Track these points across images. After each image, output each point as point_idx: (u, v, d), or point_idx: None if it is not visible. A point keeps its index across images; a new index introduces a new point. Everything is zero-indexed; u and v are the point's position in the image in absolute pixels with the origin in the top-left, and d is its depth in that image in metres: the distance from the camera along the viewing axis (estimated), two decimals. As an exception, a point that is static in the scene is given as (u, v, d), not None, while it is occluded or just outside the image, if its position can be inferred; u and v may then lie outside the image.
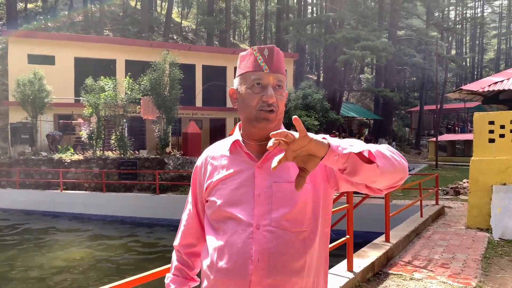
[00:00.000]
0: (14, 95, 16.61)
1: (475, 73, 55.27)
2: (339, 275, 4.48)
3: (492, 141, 7.42)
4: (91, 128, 16.24)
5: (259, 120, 1.30)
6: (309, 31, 34.86)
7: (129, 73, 17.43)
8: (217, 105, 21.87)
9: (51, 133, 17.42)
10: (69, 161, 15.27)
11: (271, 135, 1.02)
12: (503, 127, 7.36)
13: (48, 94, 16.72)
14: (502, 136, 7.35)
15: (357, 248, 5.50)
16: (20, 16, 29.04)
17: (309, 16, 39.17)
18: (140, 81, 16.58)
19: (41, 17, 31.42)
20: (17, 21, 26.30)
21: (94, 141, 16.09)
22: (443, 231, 7.36)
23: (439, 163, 22.50)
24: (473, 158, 7.57)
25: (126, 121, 16.23)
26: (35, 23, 29.94)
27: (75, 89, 19.09)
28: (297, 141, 1.03)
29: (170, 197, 13.57)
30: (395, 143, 28.51)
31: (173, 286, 1.44)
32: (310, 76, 41.06)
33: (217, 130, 21.66)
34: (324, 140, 1.07)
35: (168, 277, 1.47)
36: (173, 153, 16.42)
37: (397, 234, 6.39)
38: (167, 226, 12.40)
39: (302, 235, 1.27)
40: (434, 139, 25.07)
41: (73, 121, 18.43)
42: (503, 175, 7.20)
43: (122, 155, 15.79)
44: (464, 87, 10.72)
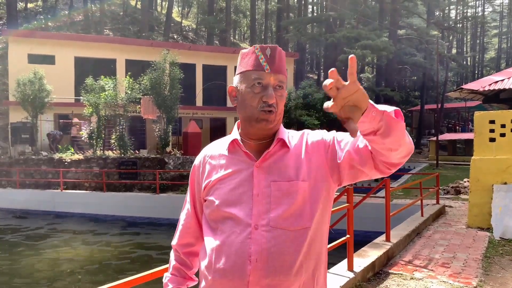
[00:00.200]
0: (14, 94, 16.61)
1: (476, 72, 55.20)
2: (340, 274, 4.46)
3: (492, 140, 7.40)
4: (91, 127, 16.23)
5: (259, 120, 1.29)
6: (309, 30, 34.83)
7: (129, 73, 17.44)
8: (217, 105, 21.86)
9: (51, 133, 17.42)
10: (69, 160, 15.26)
11: (328, 84, 0.97)
12: (503, 126, 7.34)
13: (48, 93, 16.72)
14: (502, 135, 7.33)
15: (358, 247, 5.48)
16: (20, 15, 29.04)
17: (310, 15, 39.13)
18: (140, 81, 16.57)
19: (41, 17, 31.43)
20: (17, 21, 26.31)
21: (94, 141, 16.08)
22: (443, 231, 7.34)
23: (440, 162, 22.46)
24: (473, 157, 7.55)
25: (124, 120, 16.18)
26: (35, 22, 29.96)
27: (75, 88, 19.09)
28: (348, 86, 0.99)
29: (170, 197, 13.56)
30: (395, 142, 28.41)
31: (171, 285, 1.43)
32: (310, 75, 41.03)
33: (217, 129, 21.64)
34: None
35: (166, 277, 1.46)
36: (173, 153, 16.42)
37: (398, 233, 6.37)
38: (167, 225, 12.39)
39: (301, 234, 1.25)
40: (434, 138, 25.03)
41: (69, 121, 18.37)
42: (503, 174, 7.18)
43: (122, 155, 15.79)
44: (464, 86, 10.70)
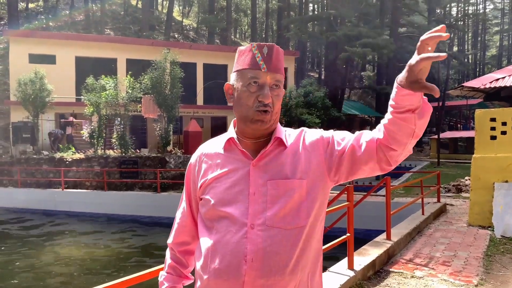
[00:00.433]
0: (15, 94, 16.62)
1: (477, 70, 55.01)
2: (340, 273, 4.45)
3: (494, 138, 7.38)
4: (92, 127, 16.24)
5: (254, 121, 1.28)
6: (310, 28, 34.75)
7: (130, 72, 17.43)
8: (218, 104, 21.85)
9: (53, 131, 17.43)
10: (70, 160, 15.28)
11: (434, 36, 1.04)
12: (505, 124, 7.32)
13: (49, 93, 16.73)
14: (504, 133, 7.31)
15: (359, 246, 5.47)
16: (21, 15, 29.07)
17: (310, 13, 39.06)
18: (141, 80, 16.57)
19: (42, 17, 31.45)
20: (18, 21, 26.33)
21: (95, 140, 16.09)
22: (444, 229, 7.33)
23: (441, 160, 22.41)
24: (474, 155, 7.52)
25: (122, 120, 16.15)
26: (36, 22, 29.98)
27: (76, 88, 19.10)
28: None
29: (171, 196, 13.56)
30: (396, 141, 28.37)
31: (166, 284, 1.42)
32: (311, 73, 40.98)
33: (218, 128, 21.63)
34: None
35: (161, 275, 1.46)
36: (174, 152, 16.42)
37: (398, 232, 6.36)
38: (168, 224, 12.38)
39: (297, 233, 1.25)
40: (436, 136, 24.97)
41: (64, 120, 18.31)
42: (505, 172, 7.16)
43: (123, 154, 15.80)
44: (465, 84, 10.66)
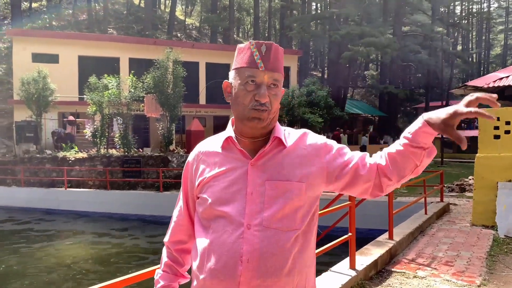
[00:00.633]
0: (18, 93, 16.67)
1: (482, 69, 54.69)
2: (341, 273, 4.43)
3: (497, 137, 7.32)
4: (95, 126, 16.26)
5: (250, 119, 1.26)
6: (313, 27, 34.69)
7: (132, 71, 17.43)
8: (220, 103, 21.81)
9: (56, 131, 17.47)
10: (73, 159, 15.30)
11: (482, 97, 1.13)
12: (508, 123, 7.26)
13: (52, 92, 16.76)
14: (507, 132, 7.25)
15: (361, 245, 5.44)
16: (24, 15, 29.15)
17: (313, 12, 38.97)
18: (143, 79, 16.57)
19: (46, 16, 31.51)
20: (21, 20, 26.39)
21: (98, 139, 16.11)
22: (447, 229, 7.29)
23: (445, 160, 22.34)
24: (478, 154, 7.47)
25: (124, 119, 16.14)
26: (40, 22, 30.04)
27: (79, 87, 19.13)
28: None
29: (173, 195, 13.56)
30: (400, 140, 28.31)
31: (162, 282, 1.41)
32: (314, 73, 40.90)
33: (221, 127, 21.40)
34: None
35: (157, 274, 1.45)
36: (176, 151, 16.42)
37: (401, 231, 6.32)
38: (170, 223, 12.39)
39: (294, 235, 1.24)
40: (439, 135, 24.85)
41: (66, 119, 18.33)
42: (508, 171, 7.10)
43: (126, 153, 15.81)
44: (469, 83, 10.60)
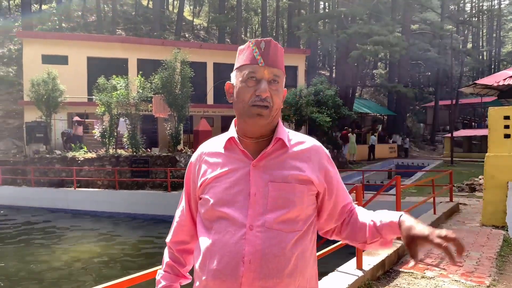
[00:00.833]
0: (28, 94, 16.84)
1: (493, 67, 53.99)
2: (348, 273, 4.40)
3: (507, 136, 7.22)
4: (103, 126, 16.37)
5: (252, 115, 1.26)
6: (321, 27, 34.58)
7: (140, 72, 17.53)
8: (228, 103, 21.40)
9: (66, 131, 17.64)
10: (82, 159, 15.43)
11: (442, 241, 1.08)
12: (519, 121, 7.16)
13: (61, 93, 16.91)
14: (518, 131, 7.15)
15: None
16: (34, 17, 29.44)
17: (321, 11, 38.83)
18: (151, 80, 16.65)
19: (55, 18, 31.83)
20: (31, 22, 26.68)
21: (106, 139, 16.21)
22: (457, 229, 7.19)
23: (455, 159, 22.08)
24: (488, 154, 7.37)
25: (132, 119, 16.21)
26: (50, 23, 30.37)
27: (88, 88, 19.28)
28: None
29: (181, 194, 13.59)
30: (408, 139, 28.12)
31: (163, 282, 1.42)
32: (322, 72, 40.75)
33: (228, 127, 21.31)
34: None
35: (159, 274, 1.45)
36: (184, 151, 16.48)
37: (409, 231, 6.25)
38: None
39: (296, 236, 1.24)
40: (449, 135, 24.61)
41: (74, 120, 18.42)
42: (519, 171, 7.00)
43: (134, 153, 15.90)
44: (478, 81, 10.47)
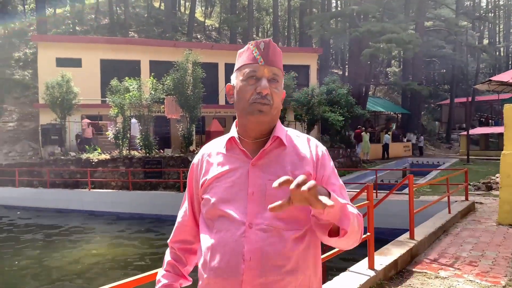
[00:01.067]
0: (43, 97, 17.12)
1: (510, 62, 52.95)
2: (360, 273, 4.36)
3: (524, 133, 7.04)
4: (117, 128, 16.53)
5: (253, 112, 1.28)
6: (333, 25, 34.35)
7: (153, 73, 17.65)
8: (240, 103, 21.82)
9: (79, 133, 17.87)
10: (96, 160, 15.61)
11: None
12: (536, 118, 6.97)
13: (75, 95, 17.14)
14: (535, 127, 6.96)
15: (383, 245, 5.33)
16: (49, 21, 29.94)
17: (333, 10, 38.60)
18: (163, 81, 16.75)
19: (69, 21, 32.31)
20: (46, 26, 27.13)
21: (120, 141, 16.36)
22: (472, 228, 7.05)
23: (471, 157, 21.69)
24: (504, 151, 7.20)
25: (137, 121, 16.33)
26: (64, 27, 30.84)
27: (101, 90, 19.50)
28: (316, 204, 1.02)
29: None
30: (423, 138, 27.73)
31: (164, 281, 1.43)
32: (335, 70, 40.49)
33: (241, 127, 21.57)
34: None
35: (159, 273, 1.47)
36: (196, 151, 16.51)
37: (423, 231, 6.16)
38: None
39: (296, 234, 1.24)
40: (465, 132, 24.19)
41: (96, 122, 18.71)
42: (537, 168, 6.82)
43: (147, 154, 16.02)
44: (493, 78, 10.25)
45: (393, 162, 21.63)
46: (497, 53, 49.64)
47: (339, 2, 40.60)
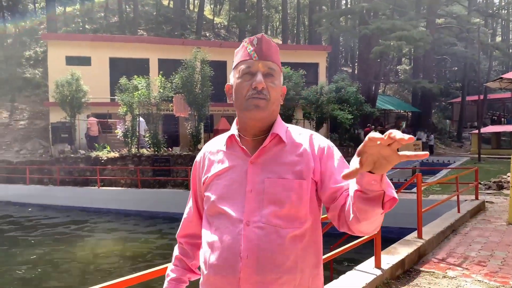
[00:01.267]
0: (53, 96, 17.26)
1: (523, 60, 52.06)
2: (366, 271, 4.32)
3: (536, 130, 6.91)
4: (126, 126, 16.62)
5: (249, 108, 1.27)
6: (342, 23, 34.12)
7: (161, 72, 17.69)
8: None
9: (86, 132, 17.97)
10: (105, 158, 15.72)
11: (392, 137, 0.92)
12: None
13: (85, 94, 17.24)
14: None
15: (390, 244, 5.28)
16: (59, 19, 30.21)
17: (343, 7, 38.35)
18: (172, 79, 16.79)
19: (79, 20, 32.57)
20: (56, 25, 27.37)
21: (129, 139, 16.45)
22: (482, 227, 6.94)
23: (483, 156, 21.39)
24: (515, 149, 7.08)
25: (153, 119, 16.39)
26: (73, 25, 31.10)
27: (110, 88, 19.62)
28: (396, 158, 0.98)
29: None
30: (433, 136, 27.43)
31: (172, 275, 1.46)
32: (344, 68, 40.26)
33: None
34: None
35: (168, 268, 1.51)
36: (203, 150, 16.55)
37: (431, 230, 6.09)
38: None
39: (295, 232, 1.23)
40: (477, 131, 23.87)
41: (105, 120, 18.80)
42: (549, 167, 6.69)
43: (156, 152, 16.08)
44: (504, 76, 10.07)
45: (403, 160, 21.40)
46: (510, 50, 48.82)
47: (348, -1, 40.33)
